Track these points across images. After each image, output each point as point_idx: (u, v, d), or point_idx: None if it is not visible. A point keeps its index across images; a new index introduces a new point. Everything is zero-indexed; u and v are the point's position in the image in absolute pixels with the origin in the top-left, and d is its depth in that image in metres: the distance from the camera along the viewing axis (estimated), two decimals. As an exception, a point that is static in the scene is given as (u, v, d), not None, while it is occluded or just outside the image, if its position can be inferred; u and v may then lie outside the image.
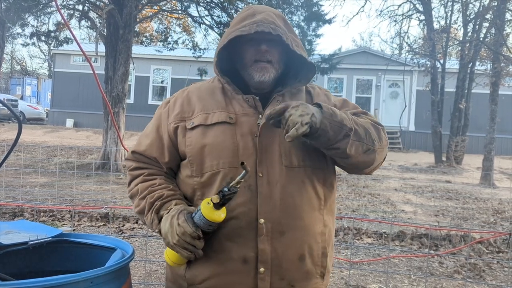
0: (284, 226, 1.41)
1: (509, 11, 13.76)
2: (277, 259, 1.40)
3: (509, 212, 8.37)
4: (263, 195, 1.40)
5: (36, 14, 13.07)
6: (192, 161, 1.46)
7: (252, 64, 1.51)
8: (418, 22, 18.71)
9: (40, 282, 1.18)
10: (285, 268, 1.41)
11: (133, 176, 1.56)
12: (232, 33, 1.49)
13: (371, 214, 7.56)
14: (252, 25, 1.47)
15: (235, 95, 1.53)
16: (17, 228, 1.67)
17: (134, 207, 1.53)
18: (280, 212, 1.41)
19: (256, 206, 1.39)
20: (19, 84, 33.58)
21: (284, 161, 1.44)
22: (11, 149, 1.53)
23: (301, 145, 1.46)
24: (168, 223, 1.37)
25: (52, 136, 18.48)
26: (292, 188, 1.43)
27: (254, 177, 1.41)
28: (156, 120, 1.59)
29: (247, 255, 1.38)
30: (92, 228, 5.70)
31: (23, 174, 9.02)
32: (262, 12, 1.53)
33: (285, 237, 1.41)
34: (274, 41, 1.51)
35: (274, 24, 1.49)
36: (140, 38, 17.26)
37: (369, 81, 22.56)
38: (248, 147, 1.44)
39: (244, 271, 1.38)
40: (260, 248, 1.38)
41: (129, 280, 1.48)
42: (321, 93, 1.65)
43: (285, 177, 1.43)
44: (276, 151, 1.45)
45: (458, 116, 16.42)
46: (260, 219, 1.39)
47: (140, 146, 1.57)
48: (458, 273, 4.66)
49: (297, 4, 13.20)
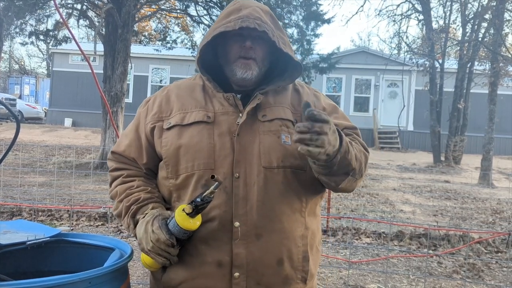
0: (261, 229, 1.35)
1: (508, 11, 13.77)
2: (253, 264, 1.35)
3: (507, 212, 8.38)
4: (239, 197, 1.35)
5: (34, 13, 13.04)
6: (167, 162, 1.43)
7: (236, 61, 1.46)
8: (417, 22, 18.73)
9: (38, 282, 1.17)
10: (262, 272, 1.36)
11: (113, 177, 1.54)
12: (216, 28, 1.44)
13: (370, 214, 7.56)
14: (237, 20, 1.41)
15: (216, 93, 1.48)
16: (15, 227, 1.66)
17: (113, 210, 1.51)
18: (256, 215, 1.35)
19: (231, 209, 1.34)
20: (17, 83, 33.52)
21: (262, 162, 1.38)
22: (9, 149, 1.52)
23: (282, 145, 1.41)
24: (143, 229, 1.34)
25: (50, 136, 18.45)
26: (270, 189, 1.38)
27: (230, 179, 1.36)
28: (135, 120, 1.56)
29: (222, 259, 1.34)
30: (90, 227, 5.69)
31: (21, 174, 9.01)
32: (248, 7, 1.46)
33: (262, 241, 1.35)
34: (261, 38, 1.45)
35: (260, 20, 1.43)
36: (139, 37, 17.25)
37: (367, 80, 22.56)
38: (225, 147, 1.39)
39: (219, 275, 1.34)
40: (235, 252, 1.34)
41: (128, 280, 1.47)
42: (310, 93, 1.59)
43: (263, 178, 1.37)
44: (255, 151, 1.39)
45: (456, 116, 16.44)
46: (235, 222, 1.34)
47: (119, 146, 1.55)
48: (457, 273, 4.66)
49: (296, 4, 13.19)
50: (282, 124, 1.46)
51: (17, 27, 13.40)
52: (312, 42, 13.64)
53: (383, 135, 21.12)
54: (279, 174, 1.39)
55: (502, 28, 13.50)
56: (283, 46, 1.46)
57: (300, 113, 1.48)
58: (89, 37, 35.50)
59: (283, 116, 1.47)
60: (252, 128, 1.42)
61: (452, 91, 16.61)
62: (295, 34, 13.51)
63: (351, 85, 22.56)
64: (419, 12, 17.28)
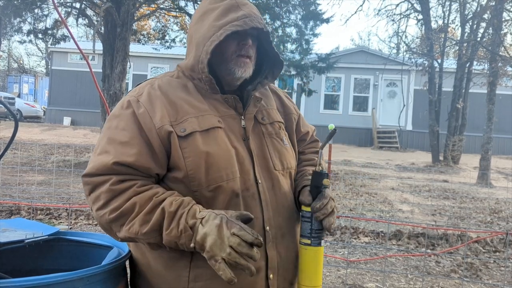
0: (284, 230, 1.42)
1: (507, 10, 13.78)
2: (281, 262, 1.40)
3: (505, 212, 8.39)
4: (265, 202, 1.38)
5: (33, 11, 13.02)
6: (193, 174, 1.29)
7: (234, 59, 1.41)
8: (416, 22, 18.69)
9: (36, 280, 1.17)
10: (287, 269, 1.42)
11: (118, 191, 1.26)
12: (225, 27, 1.36)
13: (368, 213, 7.57)
14: (245, 19, 1.37)
15: (211, 94, 1.41)
16: (14, 226, 1.66)
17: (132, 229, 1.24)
18: (279, 216, 1.41)
19: (261, 214, 1.37)
20: (16, 82, 33.49)
21: (274, 165, 1.44)
22: (7, 147, 1.52)
23: (285, 148, 1.49)
24: (215, 233, 1.18)
25: (49, 134, 18.43)
26: (283, 191, 1.44)
27: (255, 185, 1.37)
28: (133, 124, 1.32)
29: (260, 264, 1.34)
30: (89, 226, 5.69)
31: (20, 172, 9.00)
32: (245, 4, 1.42)
33: (285, 240, 1.42)
34: (253, 36, 1.45)
35: (261, 19, 1.42)
36: (138, 36, 17.22)
37: (366, 80, 22.57)
38: (245, 153, 1.38)
39: (258, 280, 1.35)
40: (269, 255, 1.37)
41: (126, 278, 1.48)
42: (285, 96, 1.68)
43: (278, 181, 1.43)
44: (266, 155, 1.44)
45: (455, 116, 16.45)
46: (266, 226, 1.37)
47: (124, 156, 1.27)
48: (455, 272, 4.67)
49: (294, 3, 13.18)
50: (280, 127, 1.53)
51: (15, 26, 13.36)
52: (310, 42, 13.63)
53: (382, 135, 21.13)
54: (286, 175, 1.47)
55: (501, 28, 13.50)
56: (273, 46, 1.51)
57: (284, 115, 1.60)
58: (88, 36, 35.49)
59: (278, 119, 1.55)
60: (255, 131, 1.45)
61: (451, 90, 16.62)
62: (293, 34, 13.50)
63: (350, 85, 22.57)
64: (418, 12, 17.29)
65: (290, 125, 1.60)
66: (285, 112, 1.59)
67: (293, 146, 1.58)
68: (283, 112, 1.60)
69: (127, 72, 12.45)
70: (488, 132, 13.05)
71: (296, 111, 1.66)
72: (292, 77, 14.96)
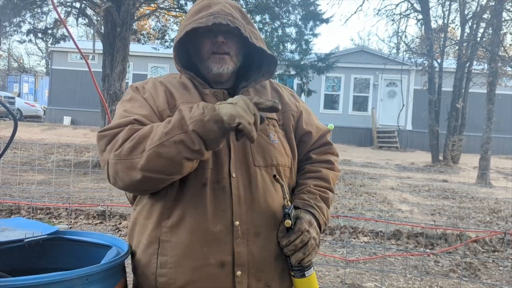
0: (259, 228, 1.38)
1: (506, 11, 13.79)
2: (253, 261, 1.36)
3: (505, 212, 8.40)
4: (237, 197, 1.37)
5: (32, 11, 13.02)
6: None
7: (210, 57, 1.46)
8: (416, 22, 18.69)
9: (36, 279, 1.18)
10: (262, 269, 1.38)
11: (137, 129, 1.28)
12: (188, 25, 1.43)
13: (368, 213, 7.58)
14: (209, 16, 1.42)
15: (203, 89, 1.48)
16: (13, 225, 1.67)
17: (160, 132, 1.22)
18: (254, 213, 1.38)
19: (231, 209, 1.35)
20: (16, 82, 33.48)
21: (255, 161, 1.42)
22: (7, 147, 1.53)
23: (271, 144, 1.46)
24: (240, 101, 1.22)
25: (49, 134, 18.43)
26: (263, 188, 1.41)
27: (227, 178, 1.37)
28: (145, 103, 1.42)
29: (225, 259, 1.33)
30: (88, 225, 5.70)
31: (20, 172, 9.01)
32: (218, 3, 1.47)
33: (260, 238, 1.38)
34: (232, 33, 1.46)
35: (231, 16, 1.44)
36: (137, 36, 17.22)
37: (366, 80, 22.58)
38: (224, 146, 1.39)
39: (222, 275, 1.33)
40: (237, 251, 1.34)
41: (125, 277, 1.48)
42: (288, 93, 1.65)
43: (256, 177, 1.40)
44: (248, 150, 1.43)
45: (455, 116, 16.46)
46: (235, 222, 1.35)
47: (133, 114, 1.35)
48: (454, 272, 4.68)
49: (294, 3, 13.19)
50: (269, 123, 1.51)
51: (14, 25, 13.36)
52: (310, 42, 13.64)
53: (382, 134, 21.14)
54: (269, 172, 1.43)
55: (501, 28, 13.51)
56: (256, 41, 1.48)
57: (281, 113, 1.56)
58: (88, 36, 35.50)
59: (268, 115, 1.50)
60: None
61: (451, 90, 16.63)
62: (293, 34, 13.51)
63: (350, 84, 22.58)
64: (418, 12, 17.30)
65: (287, 122, 1.56)
66: (283, 109, 1.56)
67: (290, 144, 1.54)
68: (281, 109, 1.55)
69: (127, 72, 12.45)
70: (487, 132, 13.07)
71: (297, 108, 1.60)
72: (292, 77, 14.96)
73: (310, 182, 1.52)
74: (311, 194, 1.49)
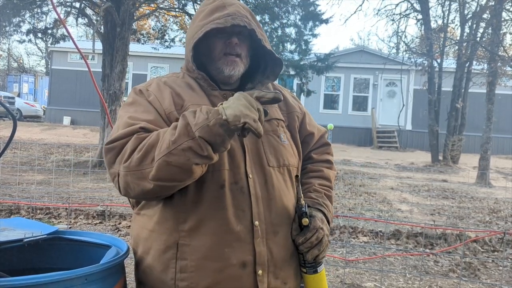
0: (276, 226, 1.41)
1: (506, 10, 13.79)
2: (273, 260, 1.39)
3: (504, 211, 8.40)
4: (255, 197, 1.39)
5: (32, 10, 13.01)
6: None
7: (222, 58, 1.47)
8: (416, 21, 18.69)
9: (35, 279, 1.18)
10: (279, 267, 1.41)
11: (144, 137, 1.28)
12: (206, 25, 1.43)
13: (367, 213, 7.58)
14: (227, 17, 1.42)
15: (211, 91, 1.48)
16: (13, 225, 1.67)
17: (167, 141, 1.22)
18: (271, 212, 1.40)
19: (250, 209, 1.37)
20: (16, 82, 33.49)
21: (269, 161, 1.44)
22: (6, 147, 1.53)
23: (282, 145, 1.49)
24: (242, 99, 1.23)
25: (49, 134, 18.43)
26: (277, 187, 1.43)
27: (245, 179, 1.39)
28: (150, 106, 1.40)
29: (246, 259, 1.35)
30: (88, 225, 5.70)
31: (20, 172, 9.01)
32: (232, 4, 1.47)
33: (278, 237, 1.41)
34: (243, 35, 1.48)
35: (247, 17, 1.45)
36: (137, 36, 17.21)
37: (366, 80, 22.59)
38: (237, 147, 1.41)
39: (244, 275, 1.35)
40: (257, 250, 1.36)
41: (124, 277, 1.49)
42: (290, 95, 1.68)
43: (271, 177, 1.43)
44: (261, 150, 1.45)
45: (455, 116, 16.46)
46: (255, 221, 1.37)
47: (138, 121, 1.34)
48: (453, 272, 4.68)
49: (293, 3, 13.18)
50: (278, 124, 1.54)
51: (14, 25, 13.35)
52: (310, 42, 13.64)
53: (382, 134, 21.15)
54: (281, 172, 1.46)
55: (500, 28, 13.51)
56: (266, 44, 1.50)
57: (286, 114, 1.59)
58: (87, 35, 35.48)
59: (277, 116, 1.55)
60: None
61: (451, 90, 16.63)
62: (293, 34, 13.51)
63: (350, 84, 22.58)
64: (418, 12, 17.31)
65: (292, 123, 1.59)
66: (288, 110, 1.60)
67: (296, 145, 1.57)
68: (286, 110, 1.60)
69: (127, 72, 12.45)
70: (487, 132, 13.07)
71: (300, 109, 1.64)
72: (291, 78, 14.97)
73: (314, 181, 1.56)
74: (317, 192, 1.54)
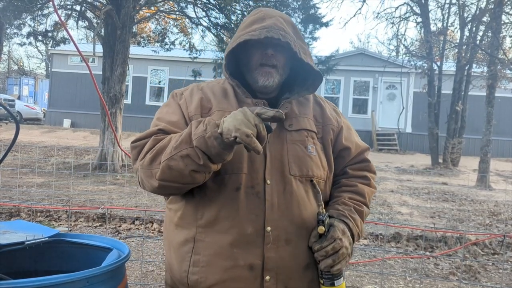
0: (290, 235, 1.40)
1: (506, 14, 13.82)
2: (283, 268, 1.39)
3: (505, 214, 8.40)
4: (270, 203, 1.39)
5: (33, 13, 13.03)
6: None
7: (257, 68, 1.51)
8: (415, 24, 18.72)
9: (36, 281, 1.18)
10: (290, 276, 1.40)
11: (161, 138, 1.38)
12: (241, 36, 1.48)
13: (367, 216, 7.57)
14: (262, 30, 1.46)
15: (245, 98, 1.52)
16: (14, 228, 1.67)
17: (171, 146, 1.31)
18: (286, 220, 1.40)
19: (264, 214, 1.38)
20: (16, 84, 33.52)
21: (291, 170, 1.44)
22: (8, 150, 1.54)
23: (308, 156, 1.48)
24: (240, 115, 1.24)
25: (49, 136, 18.44)
26: (297, 197, 1.43)
27: (262, 185, 1.40)
28: (178, 109, 1.50)
29: (254, 263, 1.37)
30: (88, 228, 5.70)
31: (20, 174, 9.01)
32: (272, 17, 1.52)
33: (291, 246, 1.40)
34: (281, 46, 1.50)
35: (283, 30, 1.48)
36: (137, 39, 17.25)
37: (366, 82, 22.60)
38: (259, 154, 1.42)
39: (251, 278, 1.37)
40: (267, 256, 1.37)
41: (125, 280, 1.49)
42: (331, 108, 1.67)
43: (291, 185, 1.43)
44: (284, 159, 1.45)
45: (454, 118, 16.47)
46: (267, 227, 1.38)
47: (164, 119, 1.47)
48: (453, 275, 4.68)
49: (294, 7, 13.20)
50: (308, 135, 1.54)
51: (15, 27, 13.38)
52: (310, 45, 13.65)
53: (382, 137, 21.15)
54: (304, 183, 1.46)
55: (500, 31, 13.53)
56: (304, 56, 1.51)
57: (321, 126, 1.58)
58: (88, 38, 35.52)
59: (308, 127, 1.54)
60: (280, 136, 1.47)
61: (450, 93, 16.65)
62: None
63: (350, 87, 22.60)
64: (418, 15, 17.33)
65: (326, 136, 1.58)
66: (323, 123, 1.59)
67: (328, 158, 1.56)
68: (322, 122, 1.59)
69: (127, 75, 12.46)
70: (487, 134, 13.07)
71: (337, 123, 1.62)
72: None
73: (345, 195, 1.55)
74: (345, 205, 1.51)
